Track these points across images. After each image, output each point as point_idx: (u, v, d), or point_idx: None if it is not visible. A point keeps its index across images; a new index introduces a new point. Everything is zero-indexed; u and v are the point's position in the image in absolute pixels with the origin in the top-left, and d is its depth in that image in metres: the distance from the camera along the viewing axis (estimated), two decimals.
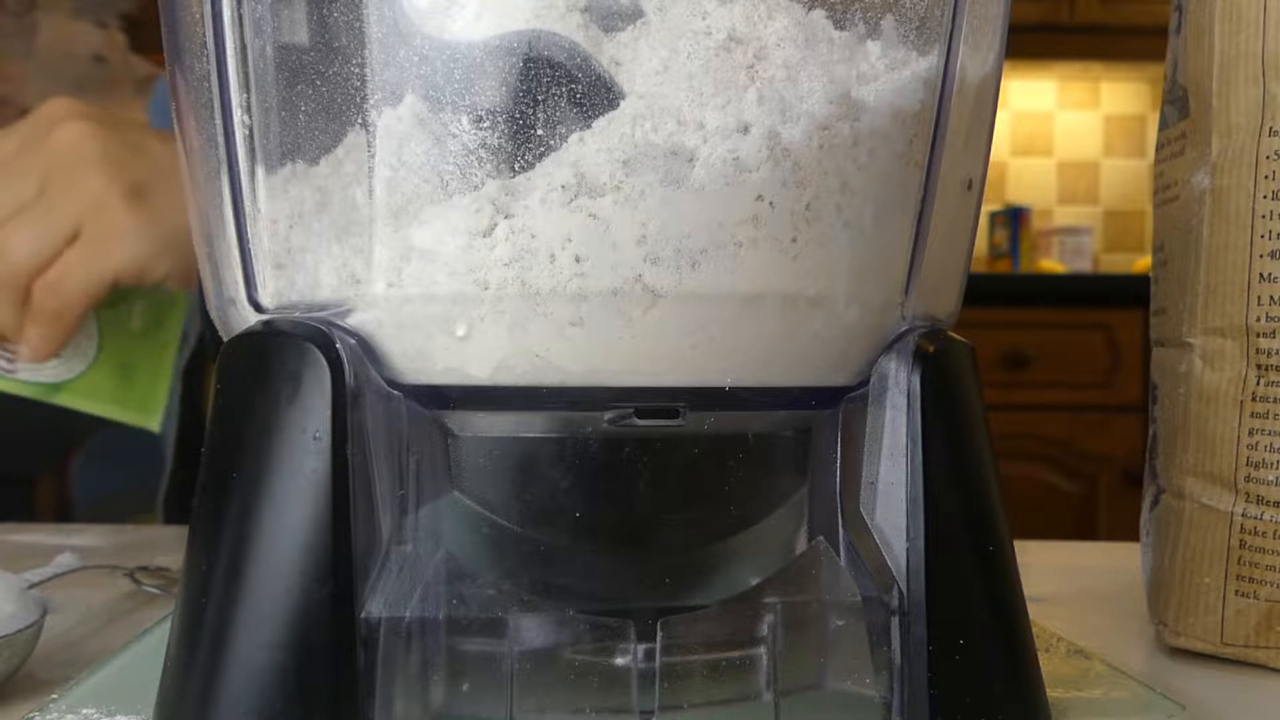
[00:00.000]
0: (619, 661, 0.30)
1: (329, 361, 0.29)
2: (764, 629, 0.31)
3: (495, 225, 0.29)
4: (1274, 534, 0.42)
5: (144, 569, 0.53)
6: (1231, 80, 0.42)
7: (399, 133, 0.29)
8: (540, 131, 0.29)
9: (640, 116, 0.29)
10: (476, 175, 0.29)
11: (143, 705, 0.31)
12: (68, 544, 0.61)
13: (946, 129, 0.33)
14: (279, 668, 0.28)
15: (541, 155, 0.29)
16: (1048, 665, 0.34)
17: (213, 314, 0.36)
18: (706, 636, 0.31)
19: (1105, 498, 2.05)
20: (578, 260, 0.29)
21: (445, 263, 0.30)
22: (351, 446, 0.29)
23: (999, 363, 2.03)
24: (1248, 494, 0.42)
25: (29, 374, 0.60)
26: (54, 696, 0.32)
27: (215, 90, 0.31)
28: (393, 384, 0.31)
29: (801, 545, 0.35)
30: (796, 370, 0.32)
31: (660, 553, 0.34)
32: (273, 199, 0.31)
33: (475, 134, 0.29)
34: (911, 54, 0.32)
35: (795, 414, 0.34)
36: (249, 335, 0.31)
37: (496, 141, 0.29)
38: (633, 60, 0.30)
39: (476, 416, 0.32)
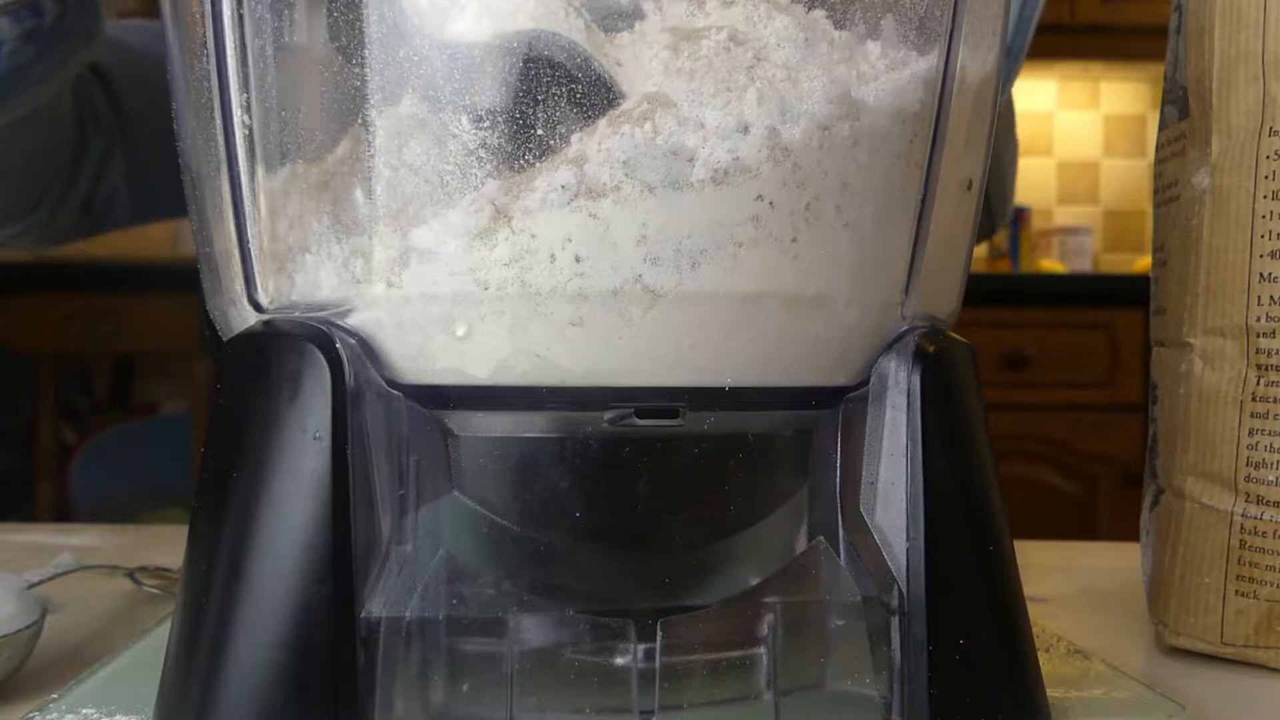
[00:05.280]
0: (619, 661, 0.30)
1: (329, 361, 0.29)
2: (764, 629, 0.31)
3: (495, 225, 0.29)
4: (1274, 534, 0.42)
5: (144, 569, 0.53)
6: (1231, 80, 0.42)
7: (399, 133, 0.29)
8: (540, 132, 0.29)
9: (640, 116, 0.29)
10: (476, 175, 0.29)
11: (143, 705, 0.31)
12: (68, 544, 0.61)
13: (946, 129, 0.33)
14: (279, 668, 0.28)
15: (541, 155, 0.29)
16: (1048, 665, 0.34)
17: (213, 314, 0.36)
18: (706, 636, 0.31)
19: (1105, 498, 2.04)
20: (578, 260, 0.29)
21: (445, 263, 0.30)
22: (351, 446, 0.29)
23: (999, 363, 2.03)
24: (1248, 494, 0.42)
25: None
26: (54, 696, 0.32)
27: (215, 90, 0.31)
28: (393, 384, 0.31)
29: (801, 545, 0.35)
30: (796, 370, 0.32)
31: (660, 553, 0.34)
32: (273, 199, 0.31)
33: (475, 134, 0.29)
34: (911, 54, 0.32)
35: (795, 414, 0.34)
36: (249, 335, 0.31)
37: (496, 141, 0.29)
38: (633, 60, 0.30)
39: (476, 416, 0.32)
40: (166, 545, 0.63)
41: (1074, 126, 2.66)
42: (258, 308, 0.32)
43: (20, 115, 0.64)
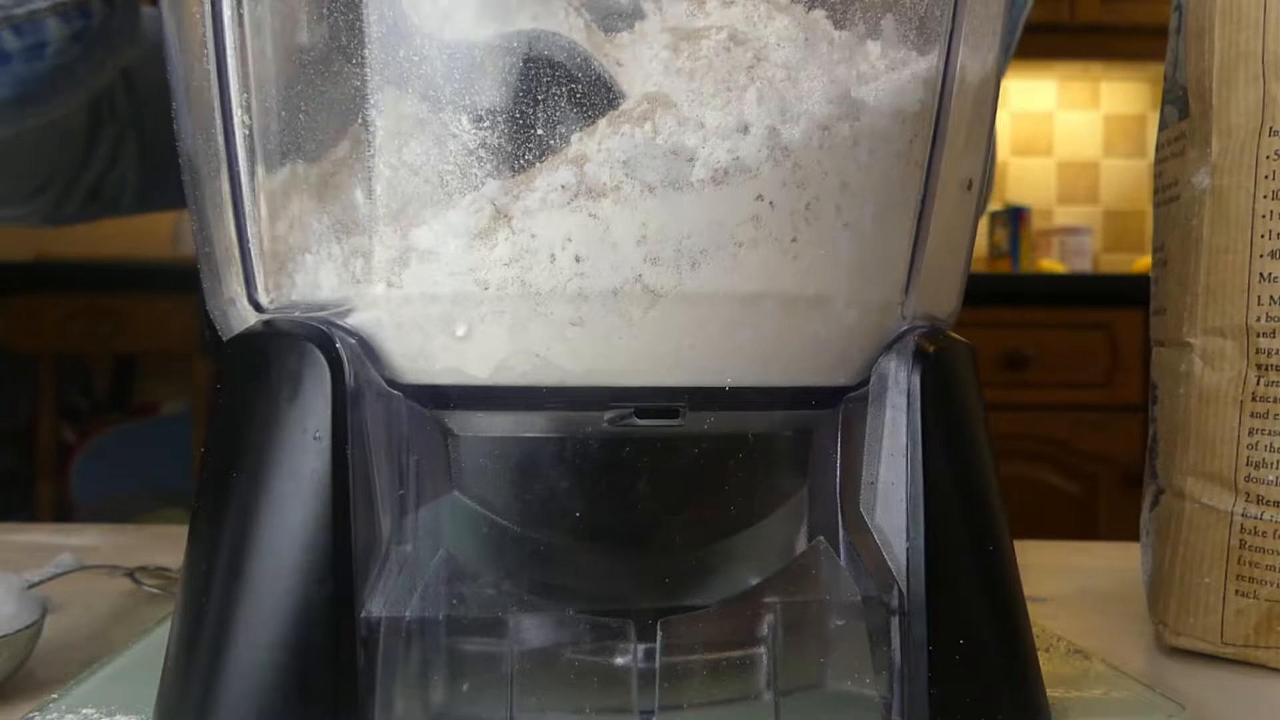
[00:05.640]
0: (619, 661, 0.30)
1: (329, 361, 0.29)
2: (764, 629, 0.31)
3: (495, 225, 0.29)
4: (1274, 534, 0.42)
5: (144, 569, 0.53)
6: (1231, 80, 0.42)
7: (399, 133, 0.29)
8: (540, 131, 0.29)
9: (640, 116, 0.29)
10: (476, 175, 0.29)
11: (143, 705, 0.31)
12: (68, 544, 0.61)
13: (946, 129, 0.33)
14: (279, 668, 0.28)
15: (542, 155, 0.29)
16: (1048, 665, 0.34)
17: (213, 314, 0.36)
18: (706, 636, 0.31)
19: (1105, 498, 2.04)
20: (578, 260, 0.29)
21: (445, 262, 0.30)
22: (351, 446, 0.29)
23: (999, 363, 2.03)
24: (1248, 494, 0.42)
25: None
26: (54, 696, 0.32)
27: (215, 90, 0.31)
28: (393, 384, 0.31)
29: (801, 545, 0.35)
30: (796, 370, 0.32)
31: (660, 553, 0.34)
32: (273, 199, 0.31)
33: (475, 134, 0.29)
34: (911, 54, 0.32)
35: (795, 414, 0.34)
36: (249, 335, 0.31)
37: (496, 141, 0.29)
38: (633, 60, 0.30)
39: (476, 416, 0.32)
40: (166, 545, 0.63)
41: (1074, 126, 2.66)
42: (258, 308, 0.32)
43: (52, 118, 0.63)
